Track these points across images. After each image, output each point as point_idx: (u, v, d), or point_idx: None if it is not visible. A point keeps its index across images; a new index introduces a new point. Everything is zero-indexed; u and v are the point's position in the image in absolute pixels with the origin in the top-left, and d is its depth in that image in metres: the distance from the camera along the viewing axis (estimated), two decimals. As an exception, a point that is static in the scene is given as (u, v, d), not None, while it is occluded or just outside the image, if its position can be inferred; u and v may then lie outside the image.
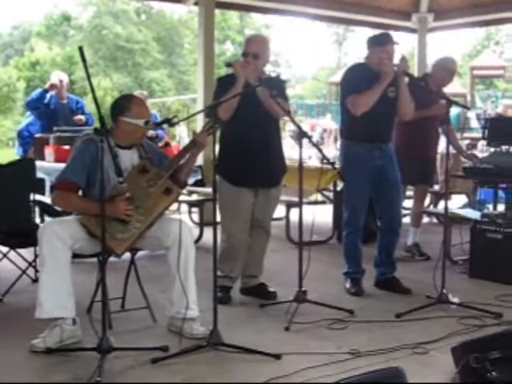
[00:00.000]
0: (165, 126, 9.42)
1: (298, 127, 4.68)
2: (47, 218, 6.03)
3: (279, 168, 5.32)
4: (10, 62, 34.88)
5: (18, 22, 41.71)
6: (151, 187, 4.26)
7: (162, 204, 4.28)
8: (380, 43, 5.32)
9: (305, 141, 4.72)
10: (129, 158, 4.37)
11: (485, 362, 3.39)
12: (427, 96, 6.09)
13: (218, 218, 4.33)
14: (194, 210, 8.56)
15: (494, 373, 3.37)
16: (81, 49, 3.60)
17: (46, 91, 8.65)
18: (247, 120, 4.92)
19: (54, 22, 40.05)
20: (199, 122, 8.69)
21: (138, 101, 4.43)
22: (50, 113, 8.50)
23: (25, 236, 5.05)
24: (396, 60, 5.29)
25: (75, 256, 4.22)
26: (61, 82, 8.67)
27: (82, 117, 8.70)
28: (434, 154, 6.90)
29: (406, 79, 5.44)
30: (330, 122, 16.95)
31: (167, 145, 9.33)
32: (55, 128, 7.89)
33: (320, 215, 8.07)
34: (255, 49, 5.02)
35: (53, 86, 8.67)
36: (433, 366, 3.85)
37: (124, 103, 4.36)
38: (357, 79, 5.33)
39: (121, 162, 4.09)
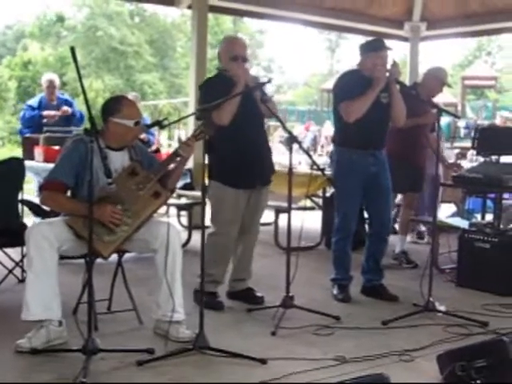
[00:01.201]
0: (155, 132, 9.52)
1: (289, 132, 4.69)
2: (35, 219, 6.01)
3: (270, 166, 5.36)
4: (2, 62, 34.76)
5: (12, 22, 41.63)
6: (140, 190, 4.25)
7: (151, 207, 4.27)
8: (373, 49, 5.33)
9: (295, 147, 4.73)
10: (119, 160, 4.35)
11: (470, 370, 3.41)
12: (418, 105, 6.10)
13: (207, 222, 4.32)
14: (183, 213, 8.55)
15: (478, 381, 3.39)
16: (72, 49, 3.61)
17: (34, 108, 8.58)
18: (241, 121, 4.91)
19: (47, 22, 39.98)
20: (190, 107, 8.64)
21: (129, 102, 4.43)
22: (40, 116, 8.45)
23: (12, 235, 5.01)
24: (388, 66, 5.30)
25: (62, 257, 4.20)
26: (51, 82, 8.63)
27: (67, 108, 8.57)
28: (424, 162, 6.92)
29: (397, 87, 5.45)
30: (331, 130, 16.99)
31: (157, 151, 9.30)
32: (45, 128, 7.87)
33: (309, 221, 8.09)
34: (243, 52, 5.05)
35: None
36: (418, 373, 3.85)
37: (114, 104, 4.35)
38: (349, 85, 5.34)
39: (111, 163, 4.10)
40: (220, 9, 10.11)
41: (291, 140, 4.66)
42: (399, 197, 7.35)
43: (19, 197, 5.57)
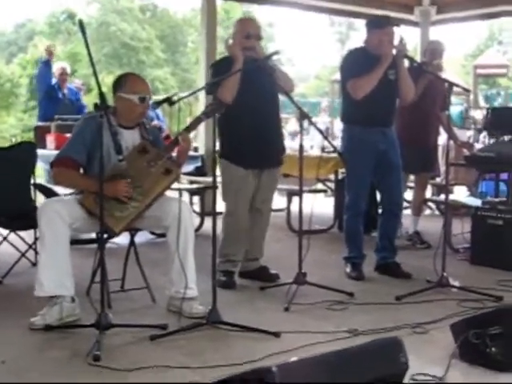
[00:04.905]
0: (165, 120, 9.52)
1: (299, 108, 4.67)
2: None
3: (280, 147, 5.35)
4: (14, 60, 34.86)
5: (23, 21, 41.72)
6: (151, 167, 4.25)
7: (162, 184, 4.27)
8: (379, 26, 5.30)
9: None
10: (130, 138, 4.36)
11: (484, 337, 3.39)
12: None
13: (218, 207, 4.31)
14: (195, 200, 8.55)
15: (493, 348, 3.37)
16: (80, 22, 3.61)
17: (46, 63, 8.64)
18: (248, 101, 4.91)
19: (57, 19, 40.07)
20: (201, 102, 8.70)
21: (134, 76, 4.46)
22: (53, 101, 8.50)
23: (25, 218, 5.03)
24: (395, 42, 5.28)
25: (73, 242, 4.22)
26: (63, 69, 8.68)
27: None
28: (435, 142, 6.90)
29: (407, 64, 5.43)
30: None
31: (167, 138, 9.30)
32: (56, 116, 7.89)
33: (322, 206, 8.10)
34: (256, 30, 5.05)
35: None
36: (432, 343, 3.84)
37: (120, 79, 4.39)
38: (356, 63, 5.32)
39: (122, 141, 4.13)
40: (230, -5, 10.10)
41: (302, 116, 4.64)
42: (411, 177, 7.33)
43: (31, 181, 5.59)
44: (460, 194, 9.13)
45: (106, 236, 4.23)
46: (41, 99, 8.87)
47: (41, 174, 7.84)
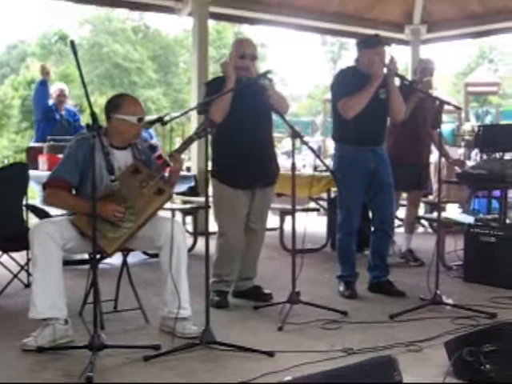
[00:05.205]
0: (159, 142, 9.55)
1: (291, 127, 4.68)
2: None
3: (274, 166, 5.34)
4: (5, 81, 34.86)
5: (15, 42, 41.78)
6: (144, 188, 4.25)
7: (154, 204, 4.26)
8: (370, 45, 5.33)
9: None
10: (123, 159, 4.35)
11: (479, 354, 3.38)
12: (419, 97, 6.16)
13: (211, 227, 4.30)
14: (188, 220, 8.54)
15: (488, 365, 3.36)
16: (72, 42, 3.63)
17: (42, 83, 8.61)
18: (241, 120, 4.92)
19: (48, 41, 40.15)
20: (193, 122, 8.73)
21: (131, 98, 4.43)
22: (51, 122, 8.49)
23: (18, 239, 5.01)
24: (386, 61, 5.30)
25: (66, 263, 4.20)
26: (61, 91, 8.67)
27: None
28: (427, 160, 6.93)
29: (397, 82, 5.45)
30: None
31: (160, 157, 9.30)
32: (49, 137, 7.87)
33: (314, 225, 8.11)
34: (252, 50, 5.07)
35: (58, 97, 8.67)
36: (426, 361, 3.83)
37: (116, 100, 4.36)
38: (347, 82, 5.34)
39: (115, 161, 4.11)
40: (221, 16, 10.15)
41: (294, 135, 4.65)
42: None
43: (23, 201, 5.58)
44: (452, 211, 9.15)
45: (98, 257, 4.22)
46: (38, 120, 8.83)
47: (36, 196, 7.83)
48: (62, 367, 3.70)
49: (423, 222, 9.41)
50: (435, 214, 6.35)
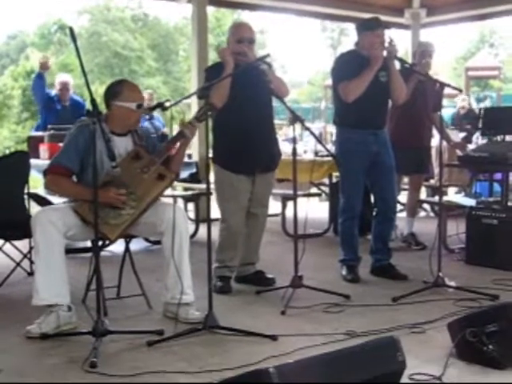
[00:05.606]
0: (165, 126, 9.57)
1: (292, 112, 4.67)
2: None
3: (276, 151, 5.33)
4: (5, 72, 34.80)
5: (14, 32, 41.72)
6: (144, 173, 4.25)
7: (155, 190, 4.27)
8: (369, 28, 5.30)
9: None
10: (123, 145, 4.35)
11: (481, 335, 3.39)
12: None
13: (213, 213, 4.30)
14: (190, 207, 8.54)
15: (490, 346, 3.37)
16: (71, 29, 3.62)
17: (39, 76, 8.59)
18: (240, 105, 4.90)
19: (48, 31, 40.08)
20: (193, 110, 8.71)
21: (130, 85, 4.42)
22: (53, 111, 8.47)
23: (20, 228, 5.01)
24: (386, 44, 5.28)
25: (68, 251, 4.21)
26: (64, 85, 8.63)
27: None
28: (428, 143, 6.92)
29: (397, 66, 5.43)
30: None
31: (165, 136, 9.30)
32: (49, 126, 7.86)
33: (316, 210, 8.11)
34: (249, 34, 5.04)
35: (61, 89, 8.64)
36: (430, 343, 3.84)
37: (116, 87, 4.35)
38: (347, 66, 5.32)
39: (115, 148, 4.10)
40: (220, 2, 10.11)
41: (294, 119, 4.64)
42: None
43: (25, 190, 5.58)
44: (454, 194, 9.15)
45: (100, 243, 4.22)
46: (40, 109, 8.86)
47: (38, 185, 7.82)
48: (66, 353, 3.71)
49: (425, 205, 9.42)
50: (437, 198, 6.33)
